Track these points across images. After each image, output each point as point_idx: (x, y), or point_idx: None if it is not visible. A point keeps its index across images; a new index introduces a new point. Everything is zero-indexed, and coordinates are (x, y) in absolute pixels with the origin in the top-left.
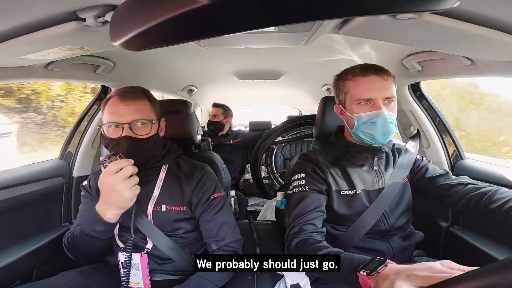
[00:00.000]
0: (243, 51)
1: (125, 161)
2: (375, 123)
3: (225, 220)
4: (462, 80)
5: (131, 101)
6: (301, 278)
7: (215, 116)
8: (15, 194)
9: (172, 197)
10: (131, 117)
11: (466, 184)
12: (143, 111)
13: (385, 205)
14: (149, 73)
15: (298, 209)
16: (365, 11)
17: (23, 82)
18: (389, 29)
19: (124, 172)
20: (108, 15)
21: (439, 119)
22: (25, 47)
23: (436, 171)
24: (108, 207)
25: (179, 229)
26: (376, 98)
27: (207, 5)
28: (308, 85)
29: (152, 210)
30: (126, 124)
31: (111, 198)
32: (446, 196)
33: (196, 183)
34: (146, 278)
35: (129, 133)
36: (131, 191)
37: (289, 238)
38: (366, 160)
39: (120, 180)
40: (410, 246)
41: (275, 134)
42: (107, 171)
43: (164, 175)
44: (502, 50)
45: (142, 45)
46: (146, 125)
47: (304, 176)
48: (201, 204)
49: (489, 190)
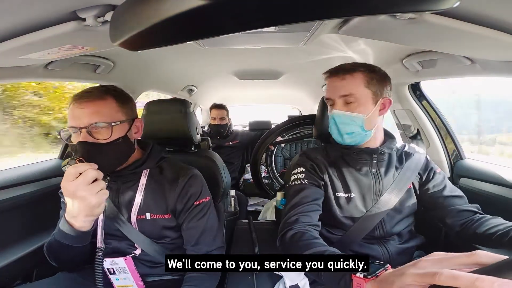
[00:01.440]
0: (243, 51)
1: (85, 165)
2: (330, 123)
3: (208, 226)
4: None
5: (87, 103)
6: (300, 279)
7: (222, 119)
8: (15, 194)
9: (156, 205)
10: (87, 120)
11: (474, 212)
12: (103, 113)
13: (383, 212)
14: (149, 73)
15: (296, 199)
16: (365, 11)
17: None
18: (389, 29)
19: (85, 177)
20: (108, 14)
21: (439, 119)
22: (25, 47)
23: (454, 192)
24: (75, 215)
25: (166, 237)
26: (333, 98)
27: (207, 5)
28: (308, 85)
29: (136, 219)
30: (83, 128)
31: (75, 205)
32: (451, 217)
33: (180, 191)
34: (138, 280)
35: (86, 138)
36: (97, 196)
37: (285, 226)
38: (364, 163)
39: (82, 185)
40: (409, 249)
41: (275, 134)
42: (65, 176)
43: (145, 181)
44: (502, 50)
45: (142, 45)
46: (107, 128)
47: (303, 170)
48: (184, 211)
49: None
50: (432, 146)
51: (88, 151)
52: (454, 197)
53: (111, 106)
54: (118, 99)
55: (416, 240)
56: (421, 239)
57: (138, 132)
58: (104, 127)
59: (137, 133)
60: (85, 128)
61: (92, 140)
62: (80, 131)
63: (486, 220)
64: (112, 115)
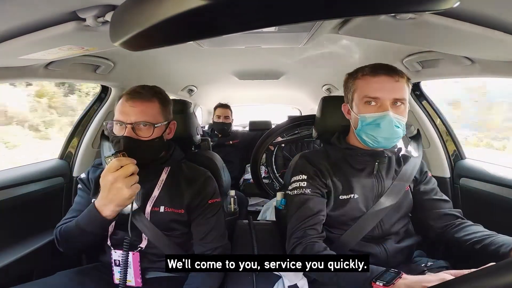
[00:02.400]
0: (243, 51)
1: (127, 160)
2: (379, 125)
3: (216, 225)
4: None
5: (137, 102)
6: (299, 279)
7: (227, 117)
8: (15, 194)
9: (171, 199)
10: (135, 118)
11: (456, 217)
12: (149, 114)
13: (383, 212)
14: (149, 73)
15: (300, 212)
16: (365, 11)
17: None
18: (389, 29)
19: (125, 170)
20: (108, 15)
21: (439, 119)
22: (25, 47)
23: (441, 196)
24: (107, 203)
25: (175, 230)
26: (383, 98)
27: (207, 5)
28: (308, 85)
29: (150, 210)
30: (129, 124)
31: (111, 194)
32: (433, 219)
33: (197, 189)
34: (137, 276)
35: (131, 134)
36: (131, 189)
37: (292, 243)
38: (366, 165)
39: (121, 178)
40: (406, 248)
41: (275, 134)
42: (109, 167)
43: (165, 177)
44: (502, 50)
45: (142, 45)
46: (149, 127)
47: (305, 178)
48: (199, 208)
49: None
50: (432, 146)
51: (130, 145)
52: (440, 200)
53: (156, 108)
54: (162, 103)
55: (412, 239)
56: (418, 238)
57: (171, 133)
58: (147, 126)
59: (170, 134)
60: (131, 125)
61: (134, 136)
62: (126, 126)
63: (465, 226)
64: (156, 116)
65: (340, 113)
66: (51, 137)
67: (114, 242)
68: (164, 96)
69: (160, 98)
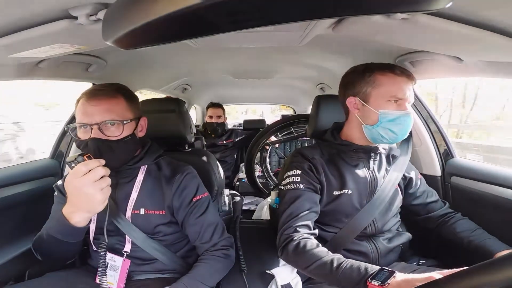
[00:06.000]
0: (237, 49)
1: (95, 162)
2: (402, 122)
3: (210, 221)
4: None
5: (100, 101)
6: (292, 278)
7: (219, 117)
8: (6, 194)
9: (151, 201)
10: (100, 117)
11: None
12: (115, 111)
13: (377, 210)
14: (142, 71)
15: (292, 208)
16: (359, 11)
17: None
18: (382, 29)
19: (94, 174)
20: (101, 13)
21: (430, 118)
22: (15, 45)
23: (432, 195)
24: (75, 210)
25: (159, 232)
26: (403, 98)
27: (200, 3)
28: (303, 84)
29: (131, 213)
30: (94, 125)
31: (79, 201)
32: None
33: (177, 187)
34: (121, 282)
35: (98, 135)
36: (102, 193)
37: (284, 239)
38: (361, 161)
39: (90, 182)
40: (397, 247)
41: (269, 132)
42: (74, 172)
43: (142, 177)
44: (493, 51)
45: (134, 43)
46: (118, 126)
47: (299, 173)
48: (183, 208)
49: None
50: (423, 145)
51: (99, 147)
52: (430, 197)
53: (122, 104)
54: (128, 98)
55: (403, 237)
56: (408, 236)
57: (142, 130)
58: (115, 125)
59: (141, 131)
60: (96, 125)
61: (103, 137)
62: (91, 127)
63: (455, 221)
64: (123, 113)
65: (335, 112)
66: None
67: (95, 247)
68: (128, 92)
69: (125, 93)
